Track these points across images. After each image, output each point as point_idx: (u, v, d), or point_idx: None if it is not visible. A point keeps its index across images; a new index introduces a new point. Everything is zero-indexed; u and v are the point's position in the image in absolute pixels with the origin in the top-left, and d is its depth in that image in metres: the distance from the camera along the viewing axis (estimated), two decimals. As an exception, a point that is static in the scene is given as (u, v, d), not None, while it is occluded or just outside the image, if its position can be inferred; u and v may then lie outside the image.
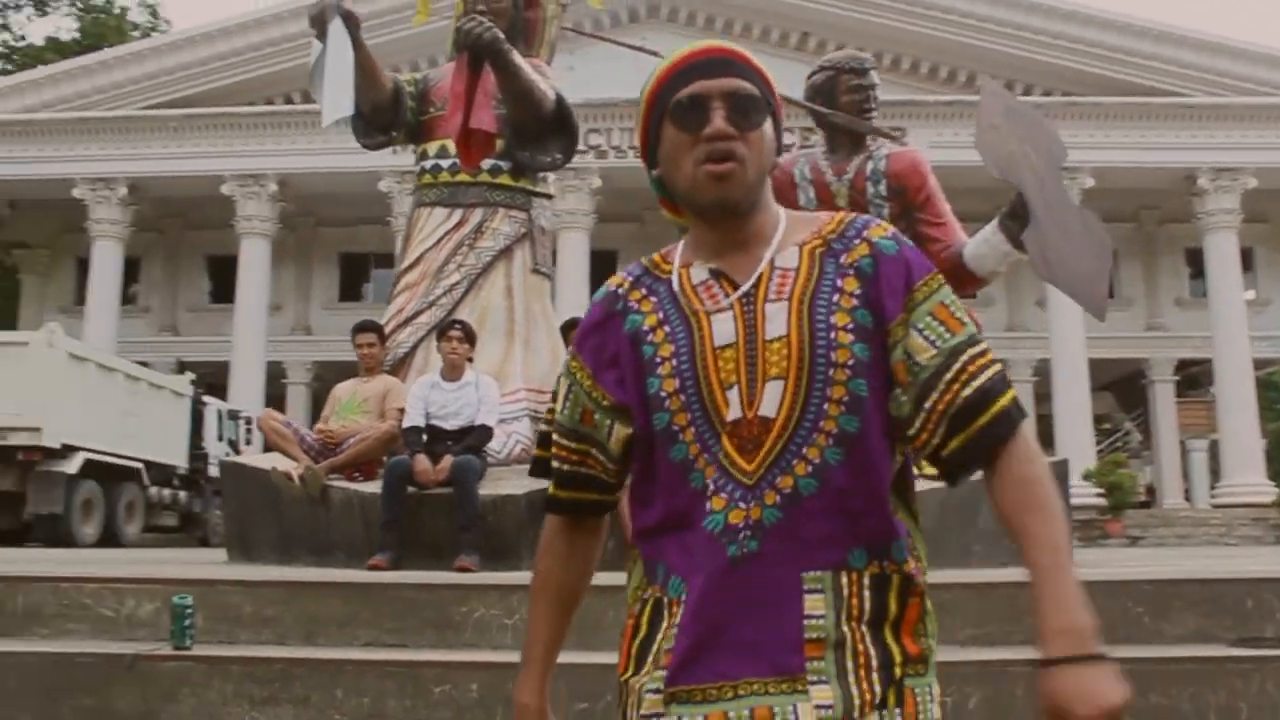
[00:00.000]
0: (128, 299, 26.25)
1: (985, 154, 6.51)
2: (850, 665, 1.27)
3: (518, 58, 6.47)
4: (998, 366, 1.35)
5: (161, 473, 17.43)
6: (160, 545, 15.82)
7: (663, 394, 1.35)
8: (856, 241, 1.38)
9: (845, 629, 1.28)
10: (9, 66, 35.41)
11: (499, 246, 6.88)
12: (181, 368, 20.68)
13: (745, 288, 1.36)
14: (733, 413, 1.31)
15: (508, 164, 6.89)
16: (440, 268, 6.79)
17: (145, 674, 3.61)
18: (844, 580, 1.29)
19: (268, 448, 6.75)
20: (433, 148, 7.04)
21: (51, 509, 14.26)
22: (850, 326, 1.32)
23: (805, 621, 1.27)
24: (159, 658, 3.65)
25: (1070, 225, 6.48)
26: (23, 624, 4.11)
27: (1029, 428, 1.36)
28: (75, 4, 38.47)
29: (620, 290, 1.45)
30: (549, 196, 7.43)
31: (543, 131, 6.89)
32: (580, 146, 24.99)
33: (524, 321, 6.84)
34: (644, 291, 1.43)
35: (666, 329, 1.38)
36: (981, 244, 6.76)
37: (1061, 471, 6.94)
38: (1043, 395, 24.36)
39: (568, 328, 6.72)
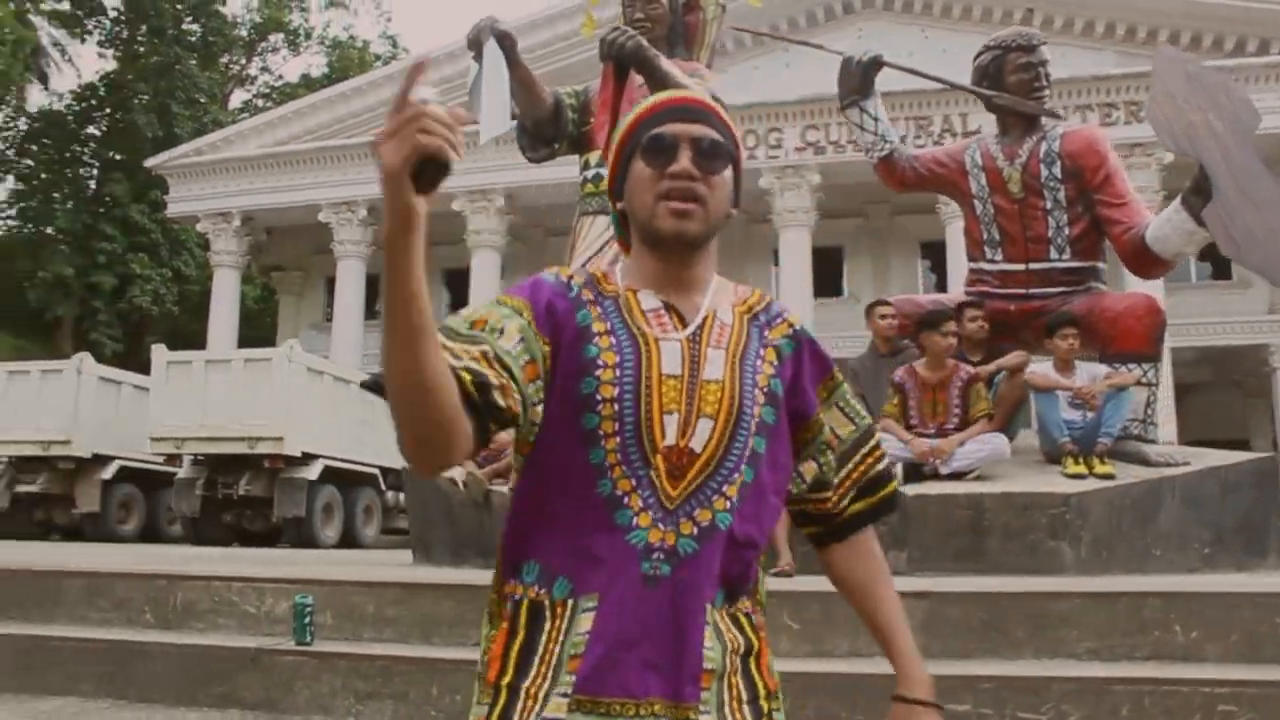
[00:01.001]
0: (372, 314, 27.94)
1: (1159, 127, 6.06)
2: (726, 698, 1.35)
3: (665, 63, 6.49)
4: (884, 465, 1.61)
5: (398, 478, 18.42)
6: (394, 546, 16.73)
7: (598, 397, 1.37)
8: (778, 321, 1.52)
9: (726, 661, 1.36)
10: (269, 104, 38.48)
11: (657, 251, 6.92)
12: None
13: (692, 328, 1.44)
14: (668, 438, 1.37)
15: (666, 169, 6.93)
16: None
17: (267, 666, 3.89)
18: (718, 616, 1.37)
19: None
20: (594, 157, 7.12)
21: (295, 513, 15.35)
22: (765, 389, 1.44)
23: (704, 651, 1.34)
24: (279, 652, 3.91)
25: (1264, 198, 5.92)
26: (181, 618, 4.49)
27: None
28: (323, 42, 41.39)
29: (572, 282, 1.47)
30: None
31: (699, 135, 6.89)
32: (798, 144, 24.62)
33: (685, 323, 6.83)
34: (592, 295, 1.46)
35: (613, 339, 1.41)
36: (1164, 224, 6.30)
37: (1270, 468, 6.36)
38: (1312, 382, 22.30)
39: None
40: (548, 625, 1.35)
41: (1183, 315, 22.01)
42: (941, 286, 23.35)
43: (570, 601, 1.34)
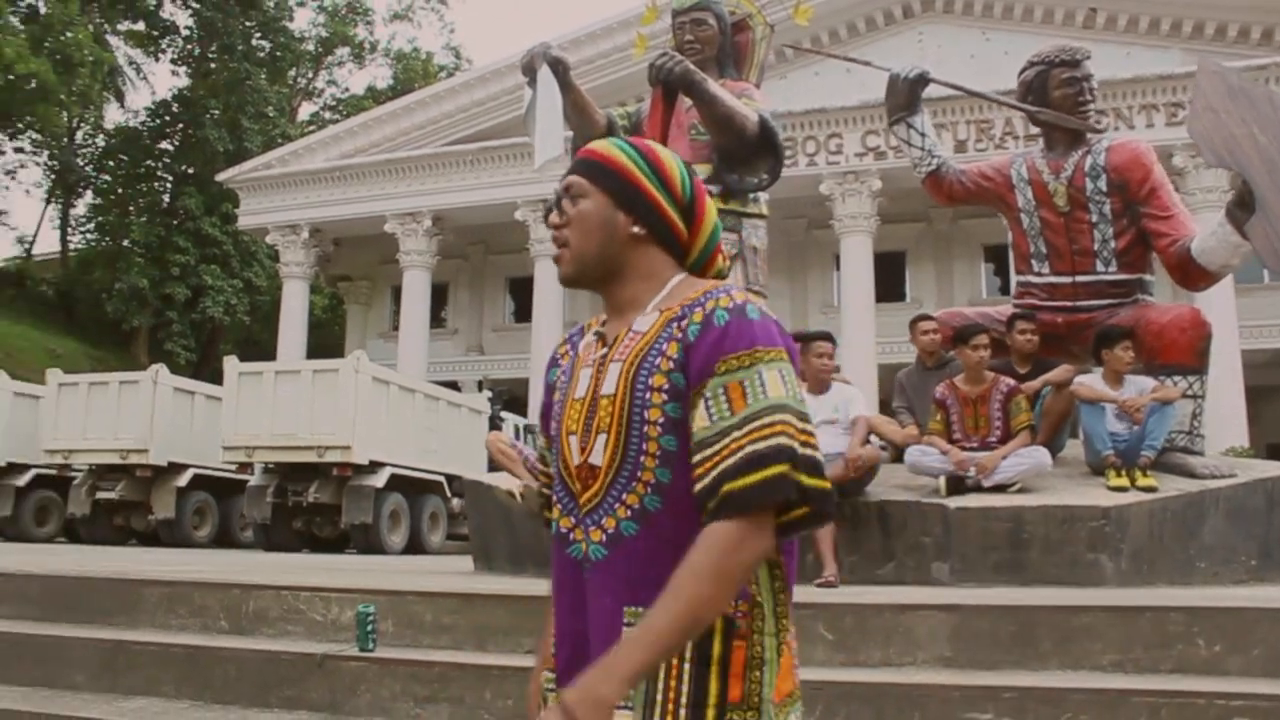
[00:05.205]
0: (438, 322, 28.41)
1: (1200, 140, 6.12)
2: (659, 698, 1.38)
3: (713, 86, 6.66)
4: (760, 446, 1.35)
5: (463, 485, 18.72)
6: (459, 553, 17.07)
7: (554, 434, 1.60)
8: (696, 310, 1.45)
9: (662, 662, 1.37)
10: (337, 116, 39.26)
11: (710, 269, 7.09)
12: (480, 385, 22.15)
13: (608, 349, 1.55)
14: (575, 457, 1.52)
15: (717, 188, 7.08)
16: (654, 293, 7.07)
17: (332, 672, 4.14)
18: None
19: (493, 467, 7.31)
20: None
21: (363, 519, 15.72)
22: (665, 388, 1.44)
23: None
24: (343, 658, 4.16)
25: (1308, 211, 5.94)
26: (253, 624, 4.77)
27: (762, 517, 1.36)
28: (388, 55, 42.11)
29: (557, 352, 1.70)
30: (762, 216, 7.57)
31: (749, 154, 7.04)
32: (858, 149, 24.45)
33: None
34: (568, 348, 1.67)
35: (564, 378, 1.61)
36: (1209, 237, 6.36)
37: None
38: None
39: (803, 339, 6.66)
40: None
41: (1255, 317, 21.58)
42: (1005, 290, 23.18)
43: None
